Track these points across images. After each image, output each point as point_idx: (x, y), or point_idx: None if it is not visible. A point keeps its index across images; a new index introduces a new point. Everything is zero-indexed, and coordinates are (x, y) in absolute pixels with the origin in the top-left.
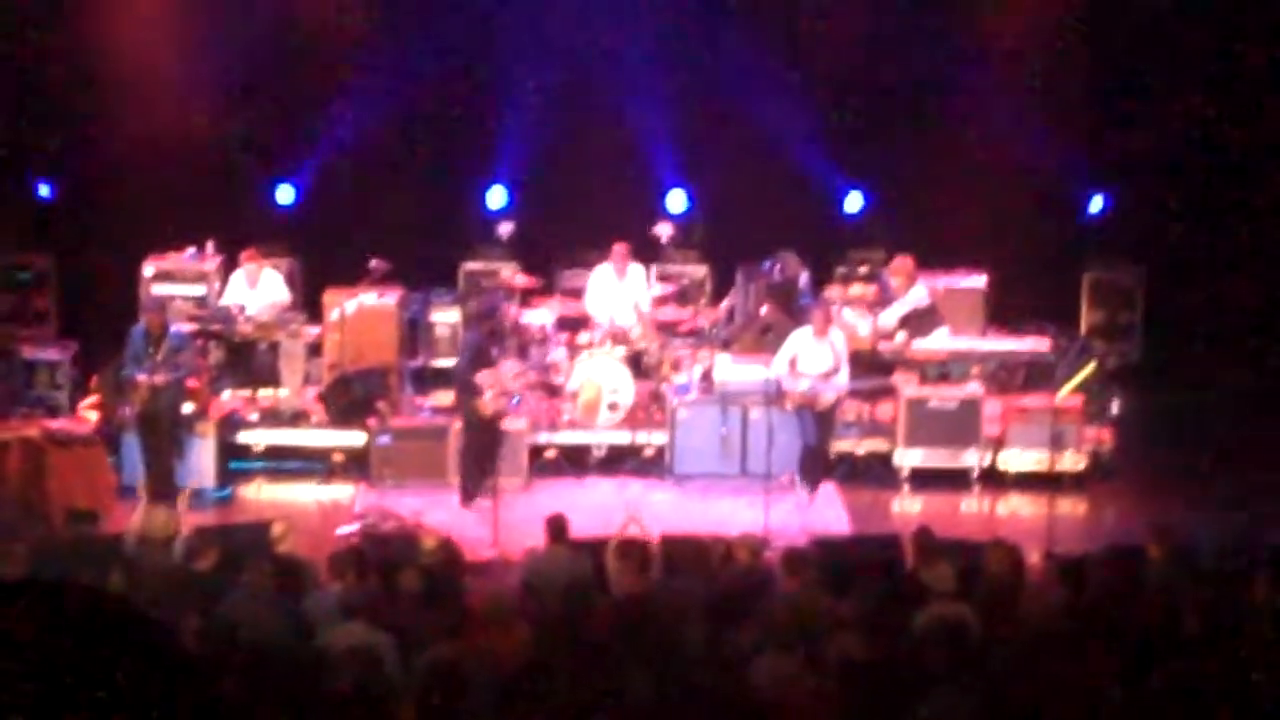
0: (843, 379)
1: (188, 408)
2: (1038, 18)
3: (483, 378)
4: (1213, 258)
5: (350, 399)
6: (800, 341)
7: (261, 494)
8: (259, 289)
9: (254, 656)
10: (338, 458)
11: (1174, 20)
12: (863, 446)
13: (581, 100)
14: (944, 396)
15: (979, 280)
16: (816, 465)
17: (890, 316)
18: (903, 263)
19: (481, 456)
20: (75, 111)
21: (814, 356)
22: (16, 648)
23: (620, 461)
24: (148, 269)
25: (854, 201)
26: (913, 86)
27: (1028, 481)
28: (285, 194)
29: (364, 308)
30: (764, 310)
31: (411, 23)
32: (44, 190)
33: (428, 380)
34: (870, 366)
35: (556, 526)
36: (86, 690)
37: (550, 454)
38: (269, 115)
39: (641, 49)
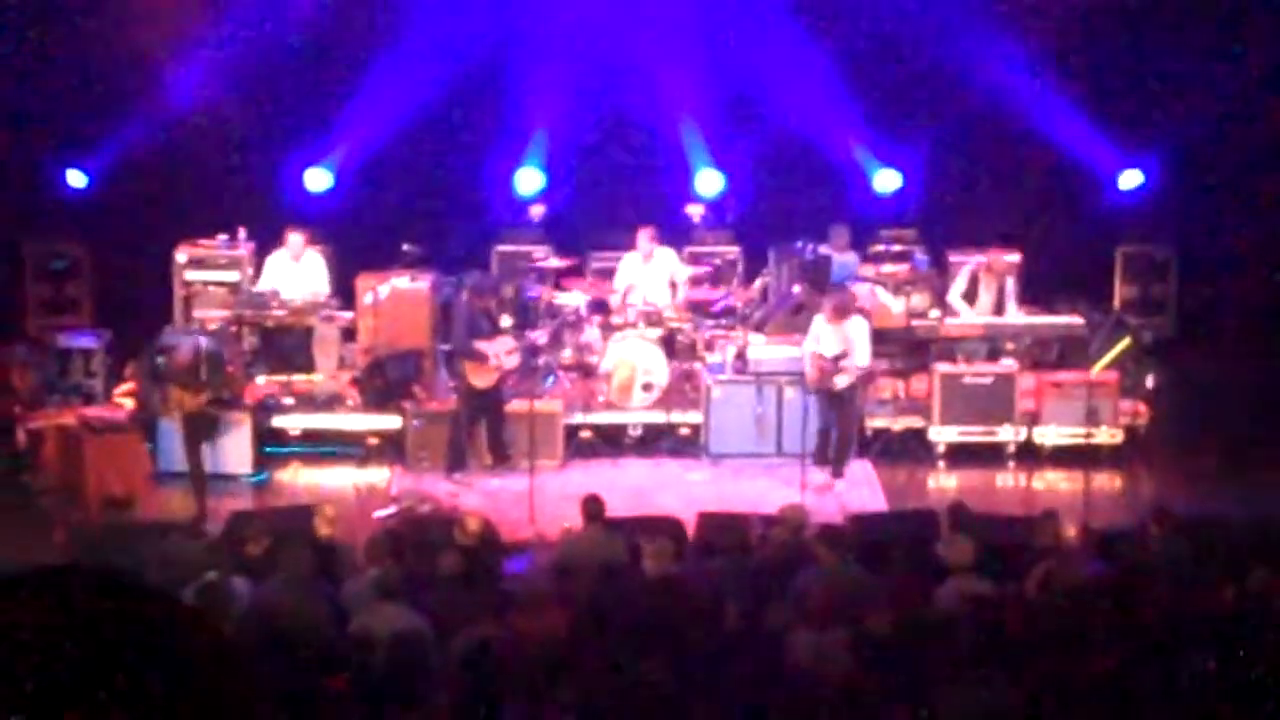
0: (859, 360)
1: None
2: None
3: (480, 350)
4: (1245, 232)
5: (385, 383)
6: (818, 325)
7: (298, 479)
8: (302, 265)
9: (292, 640)
10: (373, 442)
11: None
12: (898, 423)
13: (614, 81)
14: (979, 372)
15: (1013, 256)
16: (832, 448)
17: (955, 295)
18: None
19: (468, 428)
20: (108, 99)
21: (829, 341)
22: (16, 644)
23: (655, 442)
24: (180, 256)
25: (887, 179)
26: (946, 63)
27: (1063, 456)
28: (318, 180)
29: (397, 292)
30: (797, 290)
31: (441, 8)
32: (77, 179)
33: None
34: (904, 344)
35: (593, 507)
36: (87, 688)
37: (585, 434)
38: (299, 101)
39: (674, 27)
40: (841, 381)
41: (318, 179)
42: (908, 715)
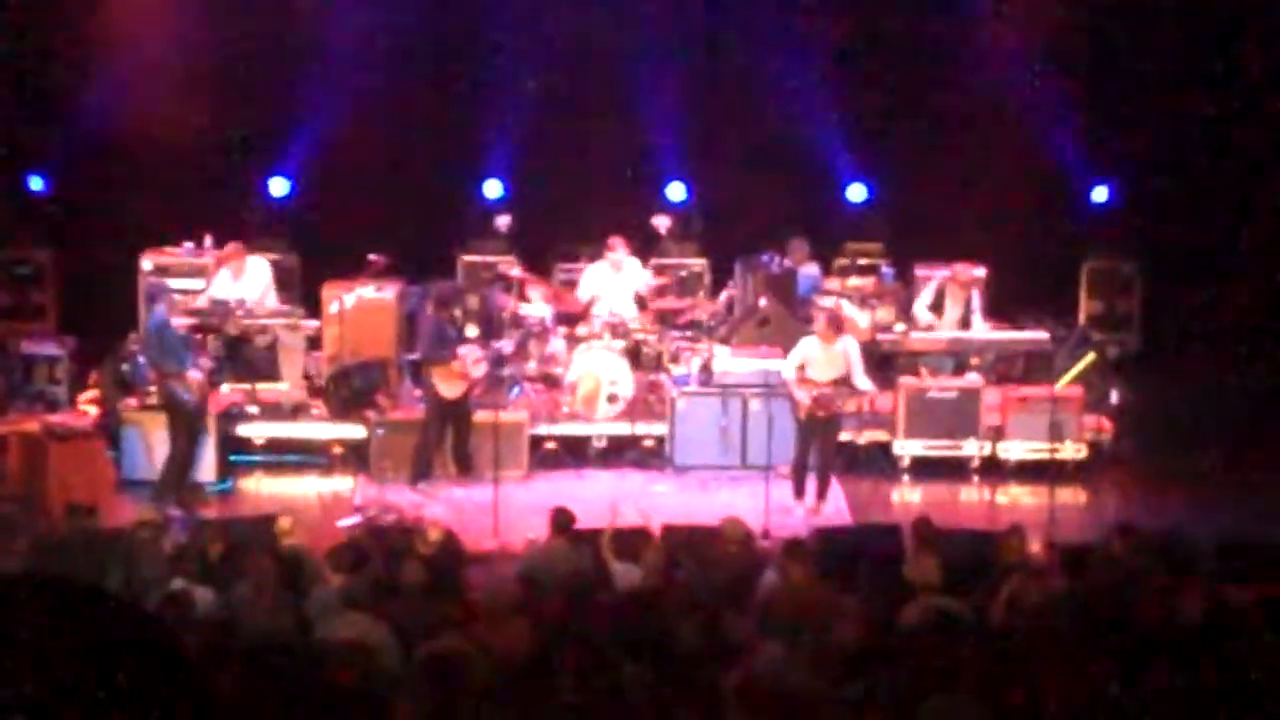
0: (862, 383)
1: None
2: (1041, 10)
3: (447, 357)
4: (1211, 248)
5: (350, 392)
6: (808, 348)
7: (262, 487)
8: (243, 281)
9: (255, 650)
10: (337, 451)
11: (1176, 15)
12: (863, 436)
13: (579, 91)
14: (943, 386)
15: (979, 270)
16: (816, 473)
17: (920, 307)
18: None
19: (435, 438)
20: (70, 105)
21: (823, 364)
22: (14, 646)
23: (620, 453)
24: (146, 263)
25: (857, 192)
26: (913, 78)
27: (1027, 471)
28: (279, 186)
29: (363, 301)
30: (763, 302)
31: (408, 15)
32: (36, 183)
33: None
34: (869, 359)
35: (561, 520)
36: (86, 690)
37: (550, 445)
38: (263, 108)
39: (640, 38)
40: (850, 408)
41: (279, 186)
42: None
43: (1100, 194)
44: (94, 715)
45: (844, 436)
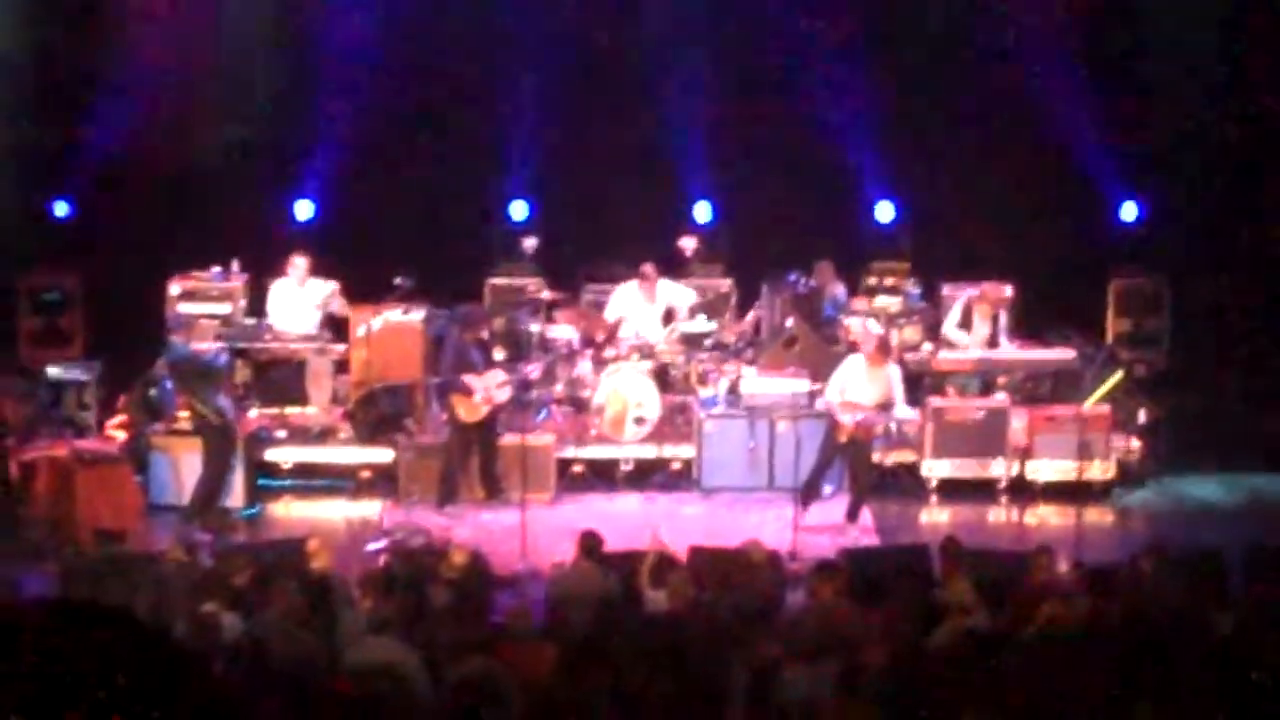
0: (903, 412)
1: None
2: (1071, 24)
3: (465, 383)
4: (1238, 265)
5: (377, 416)
6: (853, 370)
7: (290, 511)
8: (307, 291)
9: (284, 675)
10: (365, 475)
11: (1208, 30)
12: (890, 457)
13: (606, 112)
14: (971, 406)
15: (1006, 290)
16: (849, 493)
17: (950, 326)
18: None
19: (459, 461)
20: (93, 129)
21: (865, 386)
22: (17, 654)
23: (647, 475)
24: (174, 288)
25: (885, 211)
26: (941, 95)
27: (1055, 491)
28: (304, 210)
29: (389, 324)
30: (789, 323)
31: (433, 36)
32: (61, 208)
33: None
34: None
35: (589, 543)
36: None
37: (578, 468)
38: (288, 131)
39: (667, 58)
40: (888, 429)
41: (305, 209)
42: None
43: (1129, 211)
44: (94, 715)
45: (872, 457)
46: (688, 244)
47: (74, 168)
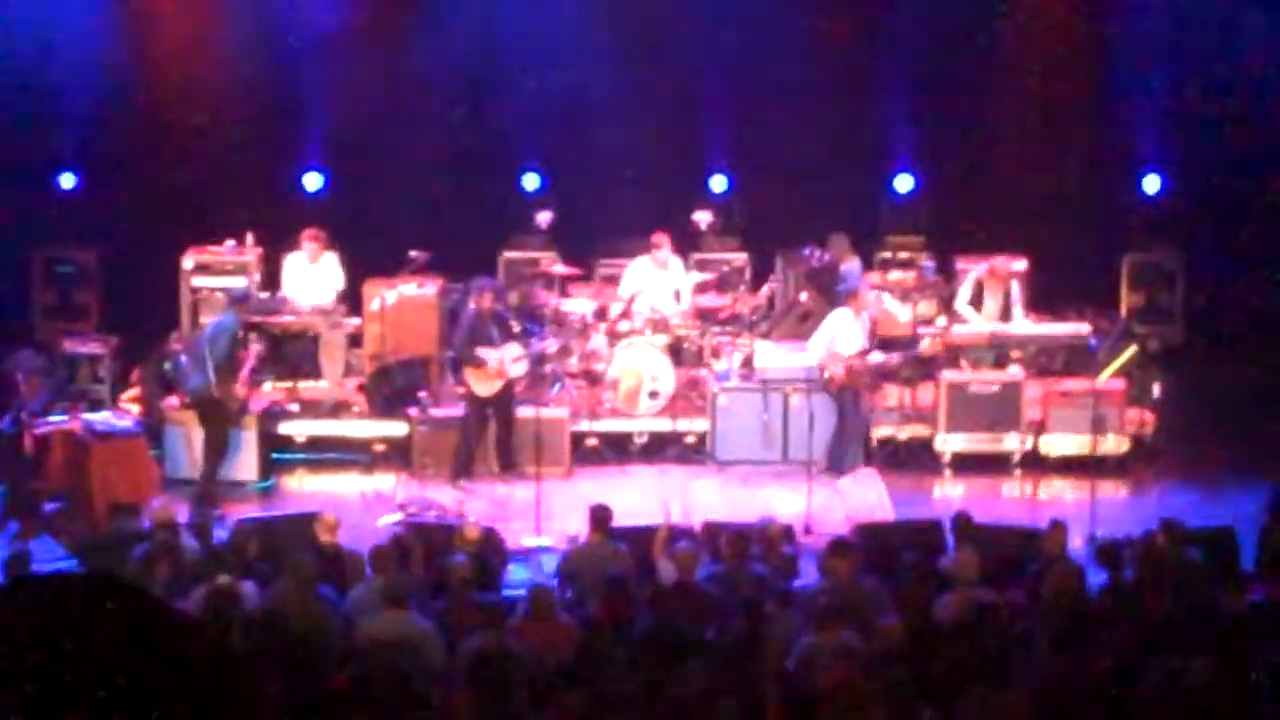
0: (875, 356)
1: None
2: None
3: (479, 356)
4: (1254, 241)
5: (391, 389)
6: (839, 322)
7: (304, 485)
8: (319, 267)
9: (298, 647)
10: (379, 448)
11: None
12: (904, 431)
13: (619, 86)
14: (984, 380)
15: (1019, 263)
16: (833, 443)
17: (961, 303)
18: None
19: (474, 435)
20: (103, 102)
21: (851, 337)
22: (16, 646)
23: (661, 449)
24: (188, 262)
25: (904, 183)
26: (957, 70)
27: (1069, 465)
28: (313, 181)
29: (404, 298)
30: (804, 297)
31: (449, 6)
32: (68, 180)
33: None
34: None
35: (600, 517)
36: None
37: (592, 442)
38: (297, 103)
39: (679, 30)
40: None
41: (314, 181)
42: None
43: (1152, 184)
44: (94, 716)
45: (886, 431)
46: (702, 217)
47: (83, 141)
